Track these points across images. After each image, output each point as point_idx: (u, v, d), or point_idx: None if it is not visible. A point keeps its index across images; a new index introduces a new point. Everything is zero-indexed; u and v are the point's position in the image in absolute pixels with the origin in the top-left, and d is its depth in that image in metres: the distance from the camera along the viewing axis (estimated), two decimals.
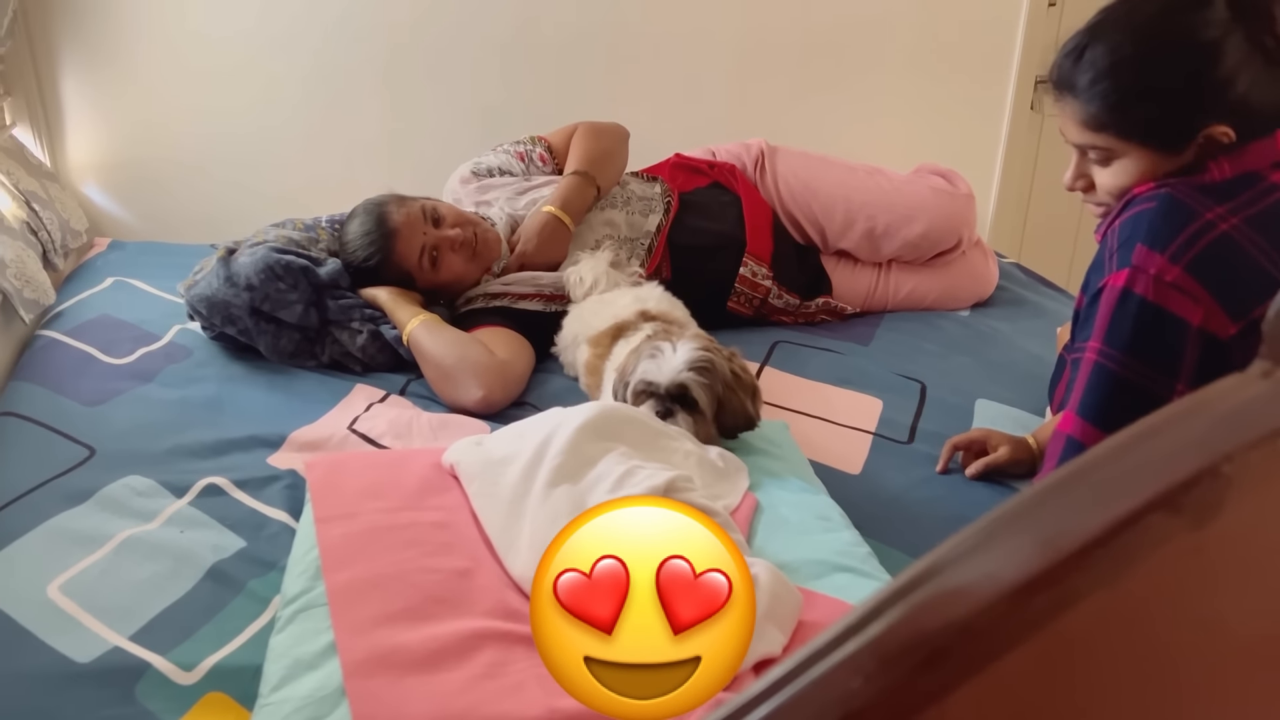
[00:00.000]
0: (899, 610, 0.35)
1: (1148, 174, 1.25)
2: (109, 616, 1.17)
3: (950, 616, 0.35)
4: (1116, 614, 0.36)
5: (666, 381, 1.38)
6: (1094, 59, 1.23)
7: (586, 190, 1.90)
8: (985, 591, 0.35)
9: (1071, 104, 1.26)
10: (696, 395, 1.38)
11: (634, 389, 1.40)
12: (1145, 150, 1.24)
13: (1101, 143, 1.26)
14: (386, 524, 1.22)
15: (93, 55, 2.36)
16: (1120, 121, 1.23)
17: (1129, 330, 1.19)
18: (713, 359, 1.39)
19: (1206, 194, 1.20)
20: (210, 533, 1.32)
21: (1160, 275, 1.18)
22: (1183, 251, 1.18)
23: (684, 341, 1.40)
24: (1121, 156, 1.26)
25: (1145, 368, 1.19)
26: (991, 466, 1.49)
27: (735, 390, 1.40)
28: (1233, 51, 1.18)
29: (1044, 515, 0.37)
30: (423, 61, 2.47)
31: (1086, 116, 1.25)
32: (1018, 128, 2.77)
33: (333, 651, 1.03)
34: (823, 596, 1.14)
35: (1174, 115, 1.22)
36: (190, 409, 1.63)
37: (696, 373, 1.37)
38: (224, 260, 1.79)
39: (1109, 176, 1.28)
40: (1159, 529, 0.35)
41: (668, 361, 1.38)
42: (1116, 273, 1.21)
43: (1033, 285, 2.28)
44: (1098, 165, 1.29)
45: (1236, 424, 0.35)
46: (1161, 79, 1.21)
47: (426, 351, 1.70)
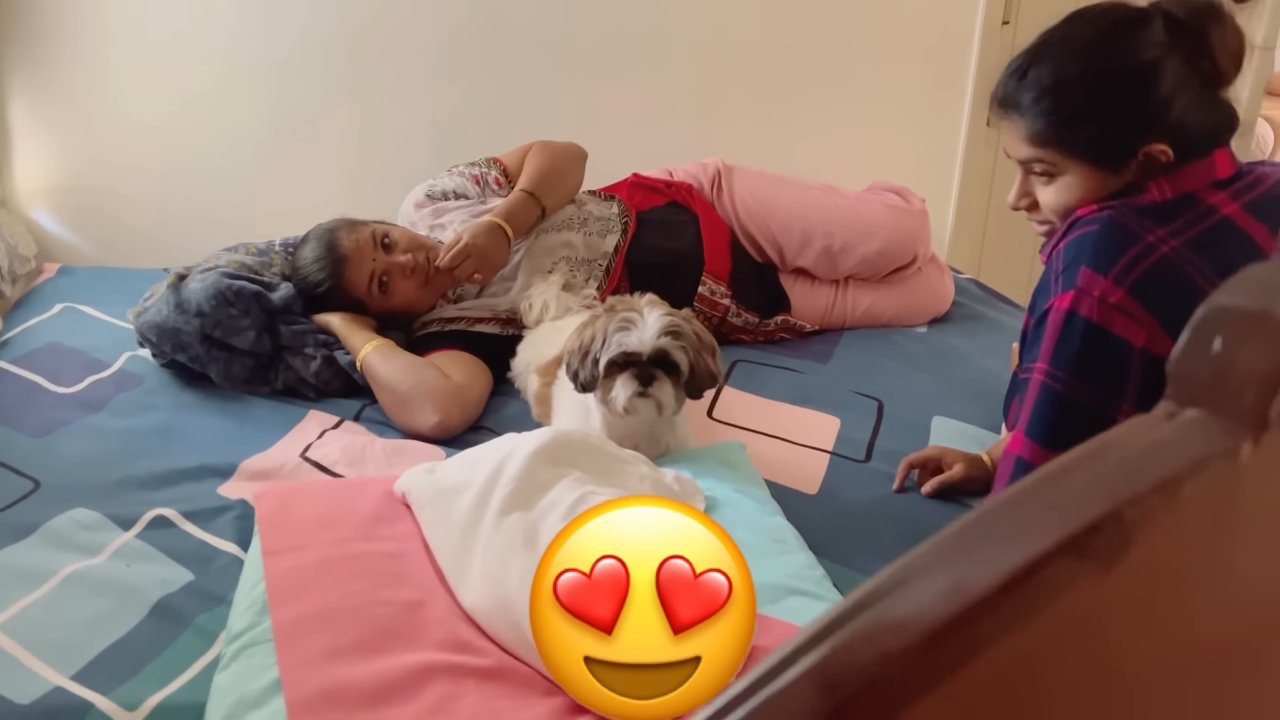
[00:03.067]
0: (821, 651, 0.35)
1: (1090, 192, 1.27)
2: (51, 655, 1.15)
3: (866, 660, 0.35)
4: (1026, 659, 0.36)
5: (649, 349, 1.39)
6: (1038, 78, 1.26)
7: (531, 208, 1.89)
8: (899, 637, 0.35)
9: (1016, 121, 1.29)
10: (677, 359, 1.40)
11: (610, 360, 1.40)
12: (1087, 167, 1.26)
13: (1046, 158, 1.28)
14: (336, 555, 1.20)
15: (41, 77, 2.33)
16: (1063, 139, 1.26)
17: (1074, 351, 1.21)
18: (680, 323, 1.42)
19: (1147, 216, 1.22)
20: (157, 566, 1.30)
21: (1104, 297, 1.19)
22: (1125, 274, 1.19)
23: (650, 309, 1.42)
24: (1064, 174, 1.28)
25: (1091, 389, 1.21)
26: (947, 484, 1.49)
27: (700, 352, 1.43)
28: (1171, 73, 1.21)
29: (954, 559, 0.37)
30: (379, 83, 2.46)
31: (1030, 133, 1.27)
32: (974, 144, 2.80)
33: (278, 688, 1.01)
34: (777, 621, 1.13)
35: (1115, 133, 1.24)
36: (140, 438, 1.61)
37: (672, 336, 1.40)
38: (174, 286, 1.76)
39: (1052, 194, 1.30)
40: (1065, 573, 0.35)
41: (643, 330, 1.40)
42: (1062, 294, 1.22)
43: (989, 301, 2.29)
44: (1041, 184, 1.31)
45: (1140, 467, 0.35)
46: (1103, 98, 1.24)
47: (381, 377, 1.69)
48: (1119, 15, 1.25)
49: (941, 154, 2.81)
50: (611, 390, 1.41)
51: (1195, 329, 0.37)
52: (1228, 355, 0.36)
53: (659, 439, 1.50)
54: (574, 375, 1.45)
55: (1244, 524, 0.37)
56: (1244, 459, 0.35)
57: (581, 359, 1.43)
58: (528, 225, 1.89)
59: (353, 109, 2.48)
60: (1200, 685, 0.39)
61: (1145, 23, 1.22)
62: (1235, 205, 1.23)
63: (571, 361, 1.45)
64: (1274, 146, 3.85)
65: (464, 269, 1.78)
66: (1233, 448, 0.36)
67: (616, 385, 1.41)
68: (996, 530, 0.37)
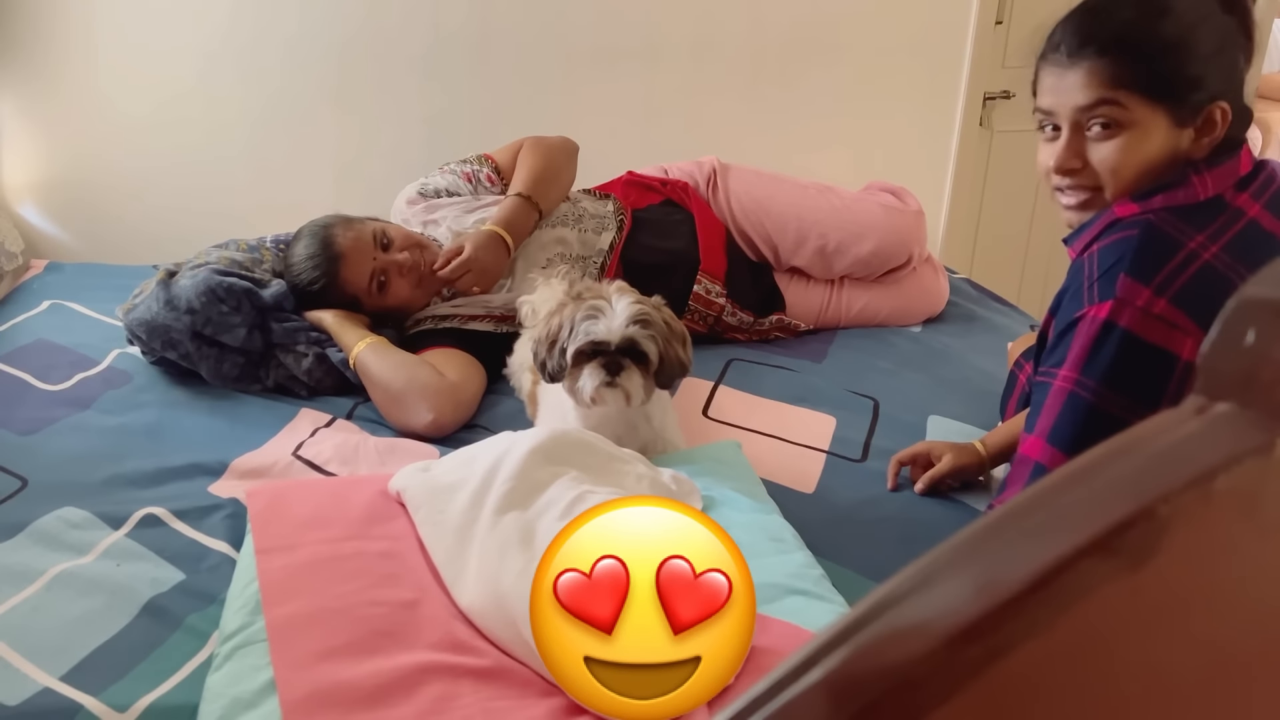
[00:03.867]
0: (837, 657, 0.34)
1: (1151, 151, 1.20)
2: (40, 656, 1.13)
3: (886, 665, 0.34)
4: (1054, 660, 0.35)
5: (617, 338, 1.37)
6: (1122, 13, 1.20)
7: (528, 214, 1.88)
8: (921, 639, 0.34)
9: (1089, 62, 1.20)
10: (646, 348, 1.38)
11: (577, 349, 1.38)
12: (1160, 115, 1.19)
13: (1121, 100, 1.19)
14: (330, 555, 1.19)
15: (29, 72, 2.30)
16: (1147, 75, 1.18)
17: (1110, 362, 1.18)
18: (649, 311, 1.40)
19: (1185, 220, 1.20)
20: (147, 565, 1.28)
21: (1147, 308, 1.16)
22: (1168, 283, 1.17)
23: (619, 297, 1.40)
24: (1129, 128, 1.20)
25: (1124, 399, 1.18)
26: (936, 478, 1.49)
27: (670, 340, 1.42)
28: (1239, 34, 1.20)
29: (979, 559, 0.36)
30: (371, 79, 2.45)
31: (1111, 74, 1.19)
32: (967, 144, 2.80)
33: (272, 689, 1.00)
34: (776, 621, 1.12)
35: (1199, 75, 1.18)
36: (129, 436, 1.59)
37: (640, 325, 1.38)
38: (164, 283, 1.75)
39: (1111, 150, 1.21)
40: (1094, 573, 0.34)
41: (611, 319, 1.37)
42: (1099, 304, 1.19)
43: (983, 301, 2.29)
44: (1098, 139, 1.22)
45: (1171, 463, 0.35)
46: (1195, 34, 1.18)
47: (374, 374, 1.67)
48: None
49: (935, 154, 2.81)
50: (579, 380, 1.39)
51: (1227, 322, 0.36)
52: (1261, 348, 0.35)
53: (636, 430, 1.47)
54: (541, 365, 1.43)
55: (1277, 520, 0.36)
56: (1277, 454, 0.35)
57: (549, 348, 1.41)
58: (527, 232, 1.89)
59: (343, 106, 2.46)
60: (1230, 686, 0.38)
61: None
62: (1257, 206, 1.22)
63: (539, 351, 1.43)
64: (1263, 147, 3.87)
65: (464, 282, 1.79)
66: (1265, 442, 0.35)
67: (584, 375, 1.38)
68: (1024, 528, 0.36)
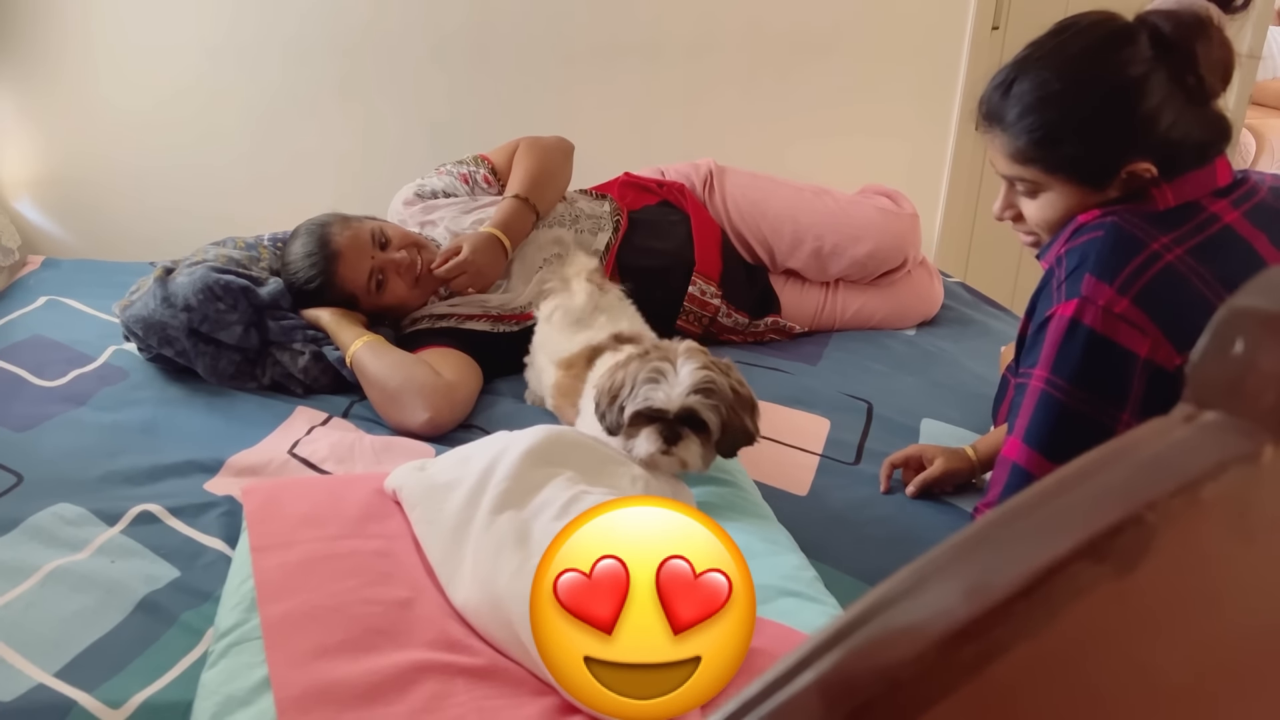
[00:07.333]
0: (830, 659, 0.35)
1: (1073, 207, 1.26)
2: (33, 652, 1.13)
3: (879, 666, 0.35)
4: (1044, 663, 0.36)
5: (675, 407, 1.30)
6: (1021, 93, 1.24)
7: (526, 216, 1.88)
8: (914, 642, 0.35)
9: (999, 137, 1.27)
10: (706, 418, 1.31)
11: (634, 412, 1.32)
12: (1069, 185, 1.25)
13: (1028, 175, 1.27)
14: (325, 553, 1.19)
15: (26, 68, 2.30)
16: (1046, 156, 1.24)
17: (1076, 360, 1.20)
18: (715, 378, 1.33)
19: (1152, 223, 1.21)
20: (142, 562, 1.28)
21: (1109, 307, 1.18)
22: (1130, 283, 1.18)
23: (684, 360, 1.32)
24: (1047, 190, 1.27)
25: (1092, 397, 1.20)
26: (928, 482, 1.49)
27: (736, 409, 1.34)
28: (1156, 89, 1.19)
29: (971, 563, 0.37)
30: (369, 79, 2.45)
31: (1013, 150, 1.26)
32: (963, 148, 2.81)
33: (267, 687, 1.00)
34: (770, 623, 1.13)
35: (1098, 151, 1.23)
36: (124, 433, 1.59)
37: (703, 395, 1.30)
38: (161, 280, 1.75)
39: (1036, 209, 1.29)
40: (1084, 577, 0.35)
41: (672, 385, 1.31)
42: (1065, 302, 1.21)
43: (977, 305, 2.30)
44: (1025, 197, 1.30)
45: (1159, 471, 0.35)
46: (1087, 115, 1.22)
47: (371, 373, 1.67)
48: (1104, 31, 1.22)
49: (930, 158, 2.82)
50: (634, 440, 1.33)
51: (1216, 331, 0.36)
52: (1249, 357, 0.36)
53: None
54: (601, 416, 1.37)
55: (1265, 528, 0.36)
56: (1265, 462, 0.35)
57: (610, 402, 1.35)
58: (524, 234, 1.89)
59: (342, 105, 2.46)
60: (1217, 691, 0.39)
61: (1131, 39, 1.20)
62: (1236, 214, 1.23)
63: (600, 402, 1.37)
64: (1256, 155, 3.89)
65: (460, 282, 1.80)
66: (1253, 451, 0.35)
67: (640, 438, 1.32)
68: (1014, 533, 0.36)
